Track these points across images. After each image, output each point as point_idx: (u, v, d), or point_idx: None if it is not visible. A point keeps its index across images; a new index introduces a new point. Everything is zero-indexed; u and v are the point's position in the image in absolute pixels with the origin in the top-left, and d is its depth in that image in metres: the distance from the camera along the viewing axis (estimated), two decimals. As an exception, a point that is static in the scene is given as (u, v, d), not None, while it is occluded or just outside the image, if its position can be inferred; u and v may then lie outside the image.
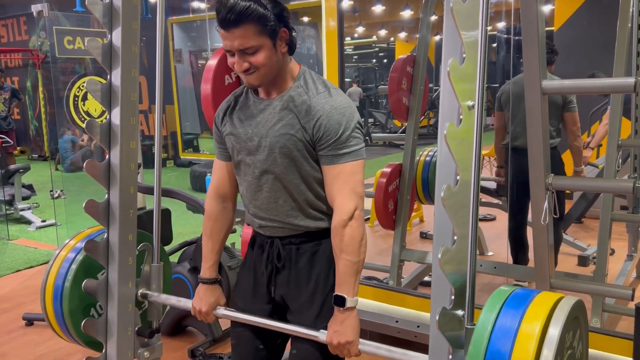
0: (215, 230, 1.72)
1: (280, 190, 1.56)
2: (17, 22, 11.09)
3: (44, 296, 1.93)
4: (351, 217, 1.47)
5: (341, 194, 1.49)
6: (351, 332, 1.47)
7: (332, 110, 1.48)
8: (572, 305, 1.17)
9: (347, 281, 1.48)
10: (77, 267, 1.90)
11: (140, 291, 1.94)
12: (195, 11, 9.99)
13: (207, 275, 1.73)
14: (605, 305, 2.83)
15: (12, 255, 4.87)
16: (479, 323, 1.17)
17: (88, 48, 1.79)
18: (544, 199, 2.11)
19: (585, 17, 5.75)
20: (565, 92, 2.93)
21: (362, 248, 1.49)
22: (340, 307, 1.47)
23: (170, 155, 9.98)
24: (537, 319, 1.13)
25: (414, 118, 3.31)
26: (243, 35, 1.43)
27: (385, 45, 16.85)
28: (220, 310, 1.73)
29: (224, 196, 1.72)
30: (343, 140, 1.48)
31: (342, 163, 1.49)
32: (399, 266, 3.36)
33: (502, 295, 1.21)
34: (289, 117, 1.51)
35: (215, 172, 1.73)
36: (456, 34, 1.23)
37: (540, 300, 1.18)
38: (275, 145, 1.52)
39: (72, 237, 2.02)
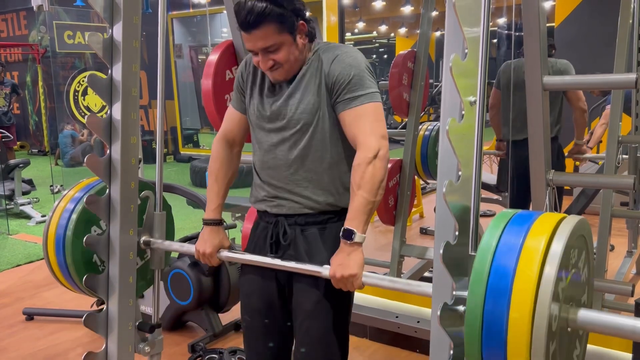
0: (221, 173, 1.74)
1: (296, 157, 1.58)
2: (17, 16, 11.06)
3: (46, 248, 1.93)
4: (376, 156, 1.47)
5: (364, 132, 1.50)
6: (355, 265, 1.47)
7: (342, 55, 1.53)
8: (576, 222, 1.15)
9: (358, 217, 1.47)
10: (77, 217, 1.90)
11: (143, 238, 1.93)
12: (196, 6, 9.96)
13: (211, 216, 1.74)
14: (604, 301, 2.84)
15: (12, 250, 4.88)
16: (482, 241, 1.16)
17: (89, 42, 1.79)
18: (545, 195, 2.11)
19: (586, 13, 5.73)
20: (566, 88, 2.93)
21: (380, 190, 1.49)
22: (348, 240, 1.47)
23: (171, 151, 9.98)
24: (541, 234, 1.12)
25: (415, 114, 3.30)
26: (264, 36, 1.47)
27: (385, 41, 16.81)
28: (224, 253, 1.73)
29: (232, 142, 1.75)
30: (356, 82, 1.51)
31: (360, 105, 1.51)
32: (399, 262, 3.35)
33: (505, 216, 1.20)
34: (305, 83, 1.55)
35: (227, 118, 1.75)
36: (458, 29, 1.22)
37: (544, 218, 1.17)
38: (298, 118, 1.55)
39: (71, 187, 2.02)
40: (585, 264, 1.25)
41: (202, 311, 3.06)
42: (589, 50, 5.42)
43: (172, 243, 1.94)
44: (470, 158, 1.25)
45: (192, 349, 2.92)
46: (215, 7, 8.83)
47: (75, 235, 1.88)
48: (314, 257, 1.59)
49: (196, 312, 3.08)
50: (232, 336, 3.12)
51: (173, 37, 10.07)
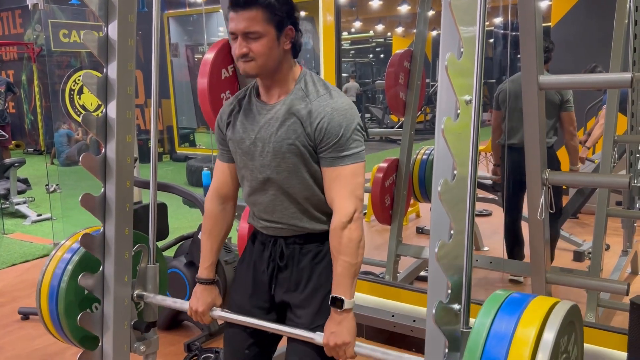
0: (214, 231, 1.72)
1: (284, 194, 1.56)
2: (12, 15, 11.02)
3: (39, 296, 1.92)
4: (350, 220, 1.47)
5: (340, 196, 1.49)
6: (347, 333, 1.48)
7: (333, 112, 1.49)
8: (567, 310, 1.18)
9: (344, 283, 1.48)
10: (73, 268, 1.89)
11: (136, 292, 1.93)
12: (192, 5, 9.94)
13: (204, 275, 1.73)
14: (600, 300, 2.85)
15: (8, 249, 4.86)
16: (474, 328, 1.18)
17: (84, 41, 1.78)
18: (540, 194, 2.12)
19: (582, 13, 5.75)
20: (561, 87, 2.94)
21: (360, 250, 1.49)
22: (338, 308, 1.48)
23: (167, 150, 9.96)
24: (532, 323, 1.14)
25: (411, 113, 3.31)
26: (250, 19, 1.45)
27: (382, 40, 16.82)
28: (216, 312, 1.74)
29: (225, 197, 1.72)
30: (344, 142, 1.48)
31: (342, 165, 1.49)
32: (395, 261, 3.36)
33: (497, 299, 1.22)
34: (291, 122, 1.51)
35: (216, 173, 1.73)
36: (454, 28, 1.22)
37: (536, 305, 1.19)
38: (278, 150, 1.52)
39: (68, 237, 2.01)
40: (574, 345, 1.28)
41: (198, 310, 3.05)
42: (585, 50, 5.43)
43: (165, 298, 1.93)
44: (466, 157, 1.25)
45: (188, 348, 2.91)
46: (211, 6, 8.81)
47: (70, 283, 1.88)
48: (316, 267, 1.60)
49: (192, 312, 3.07)
50: (228, 335, 3.12)
51: (169, 36, 10.05)
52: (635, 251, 3.77)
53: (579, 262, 4.06)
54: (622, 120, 3.30)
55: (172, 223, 3.39)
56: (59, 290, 1.88)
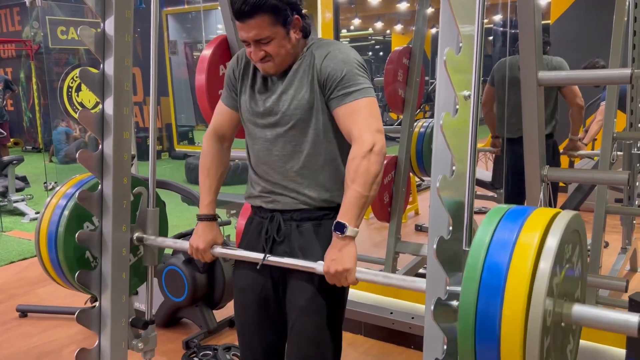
0: (213, 168, 1.74)
1: (290, 153, 1.57)
2: (10, 12, 10.99)
3: (38, 245, 1.92)
4: (371, 150, 1.45)
5: (358, 127, 1.48)
6: (348, 259, 1.46)
7: (334, 51, 1.53)
8: (570, 218, 1.15)
9: (350, 211, 1.46)
10: (70, 213, 1.89)
11: (136, 235, 1.92)
12: (190, 2, 9.92)
13: (205, 211, 1.73)
14: (599, 297, 2.84)
15: (6, 247, 4.86)
16: (476, 237, 1.15)
17: (81, 37, 1.78)
18: (539, 190, 2.11)
19: (582, 10, 5.74)
20: (561, 83, 2.93)
21: (374, 185, 1.47)
22: (340, 233, 1.46)
23: (165, 148, 9.95)
24: (535, 229, 1.11)
25: (410, 110, 3.30)
26: (257, 26, 1.47)
27: (381, 38, 16.80)
28: (217, 249, 1.72)
29: (223, 137, 1.74)
30: (349, 78, 1.50)
31: (354, 100, 1.50)
32: (393, 258, 3.36)
33: (499, 211, 1.20)
34: (298, 79, 1.55)
35: (218, 114, 1.74)
36: (453, 24, 1.22)
37: (538, 213, 1.16)
38: (289, 120, 1.55)
39: (63, 183, 2.00)
40: (579, 258, 1.25)
41: (196, 308, 3.05)
42: (585, 47, 5.43)
43: (165, 239, 1.93)
44: (465, 153, 1.24)
45: (187, 346, 2.91)
46: (209, 4, 8.79)
47: (68, 231, 1.87)
48: (308, 253, 1.59)
49: (190, 309, 3.07)
50: (227, 333, 3.11)
51: (168, 33, 10.03)
52: (634, 248, 3.76)
53: (578, 259, 4.05)
54: (621, 117, 3.30)
55: (171, 221, 3.37)
56: (57, 237, 1.88)
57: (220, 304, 3.10)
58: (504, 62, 3.59)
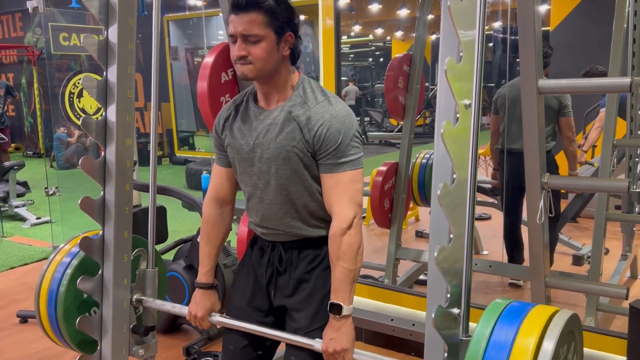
0: (212, 235, 1.72)
1: (282, 201, 1.56)
2: (12, 18, 11.03)
3: (38, 300, 1.92)
4: (350, 226, 1.47)
5: (340, 202, 1.49)
6: (346, 339, 1.48)
7: (332, 119, 1.48)
8: (566, 319, 1.18)
9: (343, 289, 1.48)
10: (73, 272, 1.89)
11: (135, 297, 1.93)
12: (192, 9, 9.96)
13: (203, 280, 1.73)
14: (599, 304, 2.84)
15: (6, 252, 4.86)
16: (473, 337, 1.18)
17: (84, 44, 1.79)
18: (540, 198, 2.12)
19: (581, 17, 5.76)
20: (561, 91, 2.94)
21: (359, 256, 1.49)
22: (337, 314, 1.48)
23: (166, 153, 9.97)
24: (531, 333, 1.14)
25: (410, 117, 3.31)
26: (250, 21, 1.45)
27: (381, 44, 16.84)
28: (215, 317, 1.73)
29: (222, 201, 1.72)
30: (342, 149, 1.48)
31: (341, 172, 1.49)
32: (394, 265, 3.36)
33: (497, 308, 1.22)
34: (290, 128, 1.51)
35: (214, 177, 1.73)
36: (454, 32, 1.23)
37: (535, 314, 1.18)
38: (277, 157, 1.52)
39: (68, 241, 2.00)
40: (574, 354, 1.27)
41: (197, 314, 3.05)
42: (584, 54, 5.44)
43: (164, 303, 1.93)
44: (465, 161, 1.25)
45: (187, 352, 2.91)
46: (211, 10, 8.83)
47: (69, 288, 1.87)
48: (314, 270, 1.60)
49: (191, 315, 3.07)
50: (227, 339, 3.11)
51: (169, 39, 10.06)
52: (634, 255, 3.76)
53: (578, 266, 4.05)
54: (621, 124, 3.30)
55: (171, 226, 3.39)
56: (58, 294, 1.88)
57: (220, 310, 3.10)
58: (504, 89, 3.61)
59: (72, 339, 1.91)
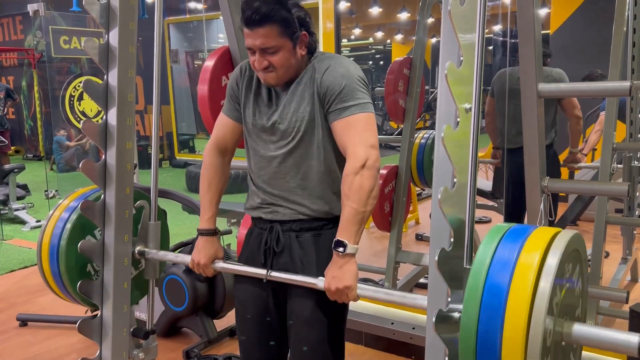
0: (214, 181, 1.74)
1: (290, 164, 1.59)
2: (13, 21, 11.05)
3: (40, 257, 1.92)
4: (364, 165, 1.47)
5: (353, 142, 1.50)
6: (349, 276, 1.47)
7: (335, 65, 1.54)
8: (570, 237, 1.16)
9: (349, 228, 1.47)
10: (72, 226, 1.89)
11: (137, 248, 1.92)
12: (192, 12, 9.97)
13: (206, 226, 1.73)
14: (599, 307, 2.84)
15: (6, 255, 4.85)
16: (477, 257, 1.16)
17: (85, 48, 1.79)
18: (540, 201, 2.12)
19: (581, 21, 5.77)
20: (561, 95, 2.95)
21: (370, 200, 1.48)
22: (340, 252, 1.47)
23: (166, 156, 9.97)
24: (535, 249, 1.12)
25: (410, 120, 3.31)
26: (265, 35, 1.48)
27: (382, 47, 16.86)
28: (218, 264, 1.73)
29: (224, 150, 1.75)
30: (348, 92, 1.51)
31: (351, 115, 1.51)
32: (394, 268, 3.36)
33: (500, 230, 1.21)
34: (300, 93, 1.56)
35: (219, 126, 1.75)
36: (454, 36, 1.23)
37: (539, 233, 1.17)
38: (292, 130, 1.56)
39: (66, 196, 2.01)
40: (579, 277, 1.26)
41: (197, 317, 3.05)
42: (584, 57, 5.45)
43: (166, 253, 1.93)
44: (466, 165, 1.25)
45: (187, 355, 2.90)
46: (211, 13, 8.84)
47: (70, 244, 1.88)
48: (308, 264, 1.59)
49: (191, 318, 3.07)
50: (227, 342, 3.11)
51: (169, 42, 10.08)
52: (634, 259, 3.76)
53: (579, 269, 4.05)
54: (621, 127, 3.31)
55: (172, 229, 3.37)
56: (59, 249, 1.88)
57: (220, 314, 3.10)
58: (504, 73, 3.62)
59: (77, 293, 1.91)
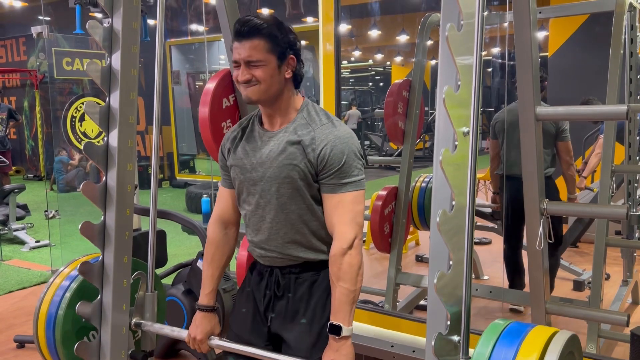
0: (216, 257, 1.73)
1: (282, 221, 1.57)
2: (16, 42, 11.17)
3: (36, 323, 1.91)
4: (351, 246, 1.49)
5: (341, 222, 1.51)
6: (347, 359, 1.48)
7: (336, 140, 1.52)
8: (566, 340, 1.17)
9: (343, 309, 1.49)
10: (71, 295, 1.89)
11: (134, 320, 1.91)
12: (194, 34, 10.08)
13: (205, 302, 1.73)
14: (601, 330, 2.82)
15: (5, 276, 4.83)
16: (473, 357, 1.17)
17: (88, 71, 1.81)
18: (539, 224, 2.12)
19: (579, 43, 5.82)
20: (558, 118, 2.97)
21: (359, 277, 1.50)
22: (336, 335, 1.48)
23: (166, 176, 9.98)
24: (531, 353, 1.13)
25: (410, 141, 3.33)
26: (252, 47, 1.50)
27: (381, 69, 17.01)
28: (214, 341, 1.72)
29: (227, 223, 1.73)
30: (345, 170, 1.51)
31: (343, 192, 1.52)
32: (394, 290, 3.35)
33: (496, 329, 1.21)
34: (293, 148, 1.54)
35: (219, 199, 1.74)
36: (451, 61, 1.25)
37: (535, 334, 1.18)
38: (279, 176, 1.54)
39: (67, 264, 2.00)
40: None
41: (195, 339, 3.02)
42: (582, 81, 5.49)
43: (163, 326, 1.92)
44: (464, 187, 1.26)
45: (185, 378, 2.87)
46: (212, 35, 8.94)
47: (68, 312, 1.88)
48: (312, 297, 1.60)
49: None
50: (226, 365, 3.08)
51: (171, 64, 10.16)
52: (635, 281, 3.75)
53: (579, 291, 4.03)
54: (619, 149, 3.32)
55: (171, 250, 3.38)
56: (57, 318, 1.87)
57: (220, 334, 3.07)
58: (503, 113, 3.65)
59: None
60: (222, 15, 2.32)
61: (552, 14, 4.36)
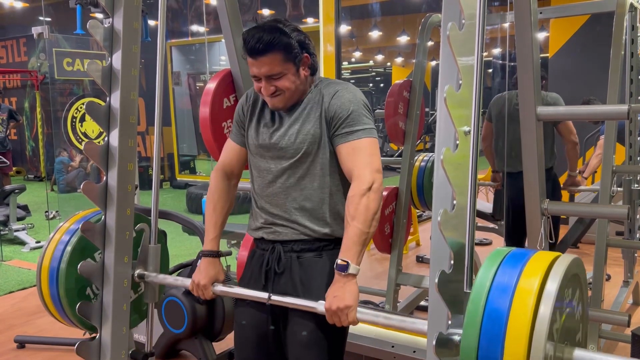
0: (219, 204, 1.76)
1: (294, 185, 1.61)
2: (17, 43, 11.17)
3: (39, 279, 1.92)
4: (370, 188, 1.50)
5: (359, 165, 1.53)
6: (350, 297, 1.47)
7: (343, 91, 1.59)
8: (570, 261, 1.15)
9: (352, 248, 1.49)
10: (72, 249, 1.89)
11: (137, 272, 1.92)
12: (195, 35, 10.09)
13: (209, 247, 1.74)
14: (601, 331, 2.82)
15: (5, 276, 4.83)
16: (476, 281, 1.16)
17: (88, 71, 1.81)
18: (540, 224, 2.12)
19: (580, 44, 5.83)
20: (559, 118, 2.97)
21: (374, 222, 1.51)
22: (342, 271, 1.48)
23: (167, 177, 9.98)
24: (535, 274, 1.12)
25: (410, 142, 3.33)
26: (269, 63, 1.53)
27: (382, 70, 17.02)
28: (218, 287, 1.72)
29: (231, 174, 1.78)
30: (355, 117, 1.56)
31: (357, 139, 1.55)
32: (395, 290, 3.34)
33: (499, 254, 1.20)
34: (305, 114, 1.60)
35: (226, 151, 1.78)
36: (452, 61, 1.25)
37: (538, 257, 1.17)
38: (296, 146, 1.59)
39: (67, 219, 2.01)
40: (579, 301, 1.25)
41: (196, 340, 3.02)
42: (583, 81, 5.50)
43: (166, 277, 1.93)
44: (465, 187, 1.26)
45: (185, 379, 2.87)
46: (213, 36, 8.94)
47: (70, 266, 1.88)
48: (309, 285, 1.60)
49: (190, 341, 3.04)
50: (226, 365, 3.08)
51: (172, 64, 10.17)
52: (636, 282, 3.74)
53: (580, 292, 4.03)
54: (620, 150, 3.32)
55: (172, 251, 3.37)
56: (59, 272, 1.88)
57: (220, 336, 3.07)
58: (501, 98, 3.65)
59: (75, 316, 1.90)
60: (222, 16, 2.32)
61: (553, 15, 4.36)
